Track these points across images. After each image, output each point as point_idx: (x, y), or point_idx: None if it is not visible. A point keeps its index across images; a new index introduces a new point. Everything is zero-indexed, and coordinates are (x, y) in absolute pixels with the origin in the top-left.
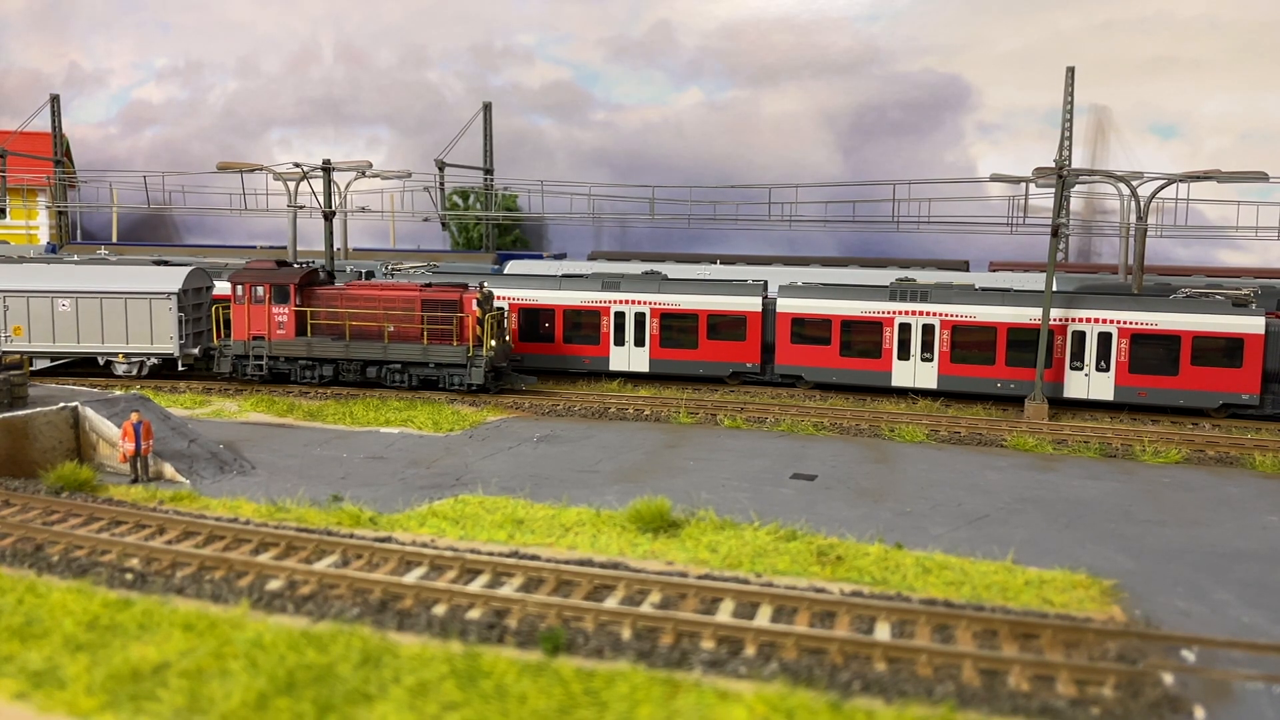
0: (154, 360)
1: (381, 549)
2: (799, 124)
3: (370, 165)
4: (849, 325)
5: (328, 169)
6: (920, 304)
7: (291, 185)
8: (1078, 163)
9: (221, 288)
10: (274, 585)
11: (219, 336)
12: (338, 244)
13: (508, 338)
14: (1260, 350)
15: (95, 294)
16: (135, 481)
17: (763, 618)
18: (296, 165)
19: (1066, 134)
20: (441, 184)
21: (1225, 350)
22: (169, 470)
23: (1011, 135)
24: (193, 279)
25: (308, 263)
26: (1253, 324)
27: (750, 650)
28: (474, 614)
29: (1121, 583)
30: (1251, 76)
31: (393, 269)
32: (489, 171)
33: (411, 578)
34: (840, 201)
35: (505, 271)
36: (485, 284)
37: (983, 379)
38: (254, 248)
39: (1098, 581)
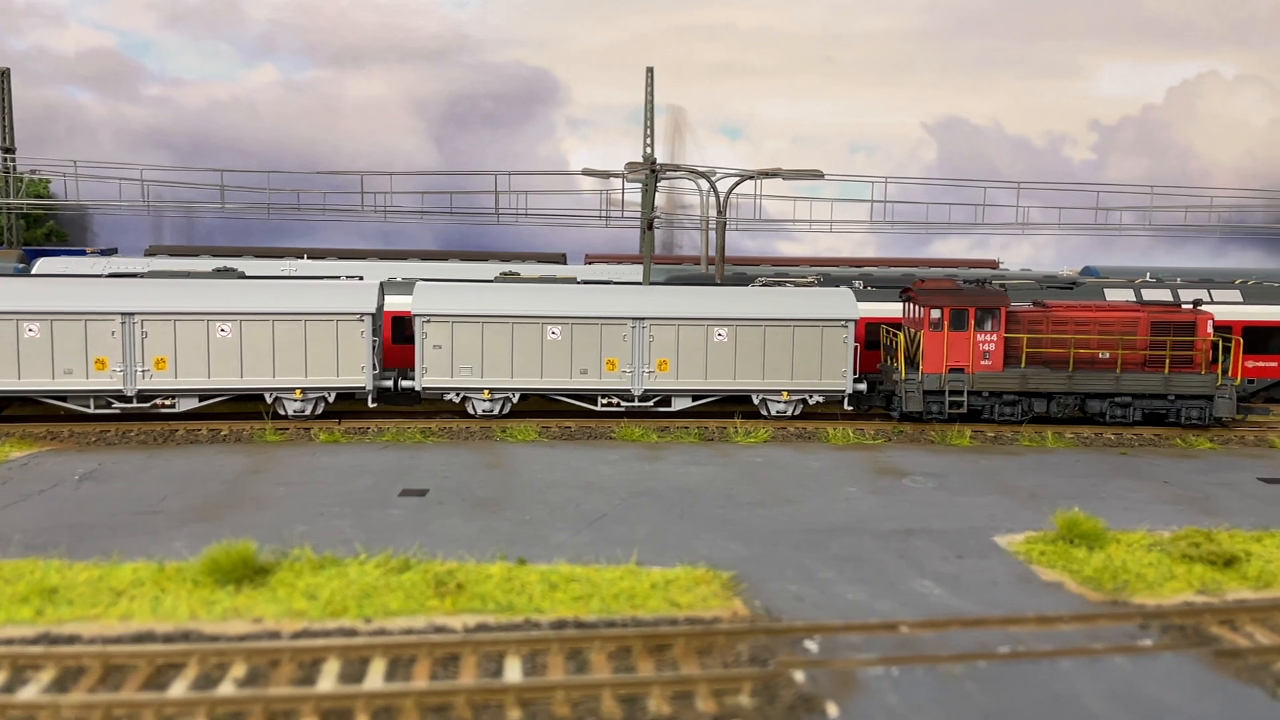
0: (819, 399)
1: None
2: (388, 110)
3: None
4: None
5: None
6: None
7: None
8: (659, 159)
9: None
10: None
11: (902, 369)
12: None
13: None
14: None
15: (754, 321)
16: None
17: (375, 676)
18: None
19: (649, 132)
20: None
21: None
22: None
23: (600, 131)
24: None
25: (985, 279)
26: None
27: None
28: None
29: (738, 572)
30: (800, 85)
31: None
32: (9, 151)
33: None
34: (437, 192)
35: (35, 271)
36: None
37: None
38: None
39: (718, 575)
